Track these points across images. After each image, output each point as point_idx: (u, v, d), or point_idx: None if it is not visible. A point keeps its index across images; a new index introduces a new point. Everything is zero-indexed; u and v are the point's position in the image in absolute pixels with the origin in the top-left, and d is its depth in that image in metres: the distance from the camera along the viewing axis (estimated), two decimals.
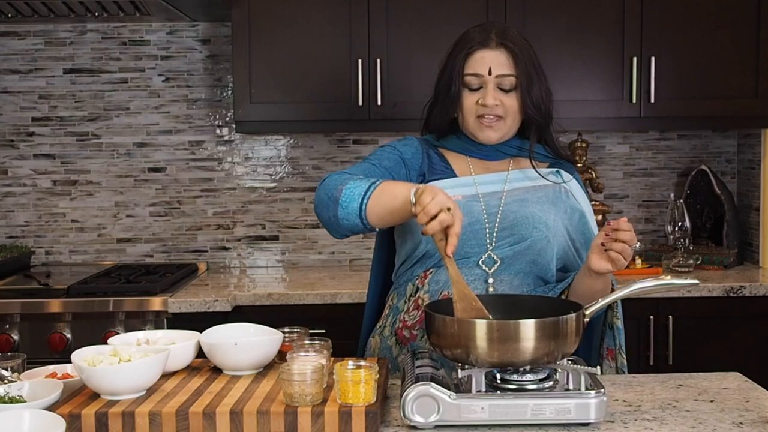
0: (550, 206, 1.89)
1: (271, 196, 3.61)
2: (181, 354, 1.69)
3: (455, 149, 1.96)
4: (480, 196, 1.89)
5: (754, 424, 1.51)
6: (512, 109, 1.87)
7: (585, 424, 1.49)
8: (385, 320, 1.97)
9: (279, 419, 1.44)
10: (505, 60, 1.85)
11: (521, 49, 1.86)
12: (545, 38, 3.20)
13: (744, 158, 3.59)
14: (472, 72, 1.86)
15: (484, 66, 1.85)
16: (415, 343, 1.87)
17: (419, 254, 1.89)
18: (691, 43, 3.22)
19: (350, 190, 1.73)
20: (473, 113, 1.88)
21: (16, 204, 3.60)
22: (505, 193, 1.90)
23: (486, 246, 1.86)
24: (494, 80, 1.85)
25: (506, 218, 1.87)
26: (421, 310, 1.86)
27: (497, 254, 1.85)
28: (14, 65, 3.55)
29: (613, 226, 1.67)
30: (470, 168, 1.94)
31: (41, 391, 1.55)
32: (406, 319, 1.90)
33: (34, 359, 1.94)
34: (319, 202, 1.79)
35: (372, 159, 1.92)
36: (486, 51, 1.86)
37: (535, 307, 1.68)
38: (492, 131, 1.88)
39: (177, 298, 2.91)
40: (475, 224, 1.85)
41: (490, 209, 1.87)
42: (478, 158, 1.95)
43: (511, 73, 1.85)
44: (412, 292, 1.91)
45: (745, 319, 3.04)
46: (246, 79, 3.20)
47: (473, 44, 1.87)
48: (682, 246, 3.31)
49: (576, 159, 3.43)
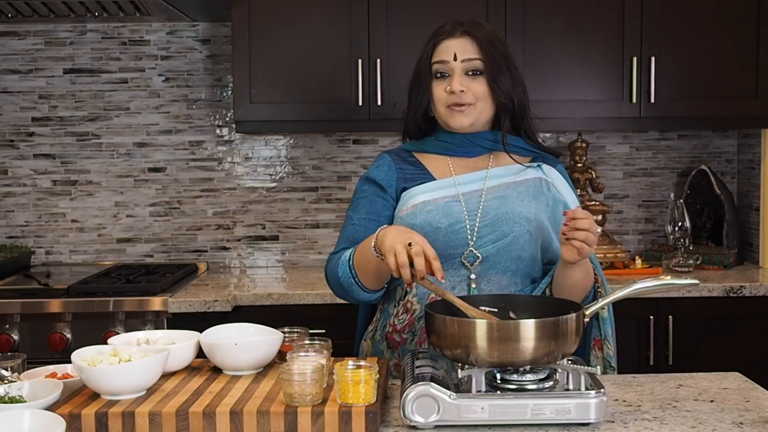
0: (531, 200, 1.90)
1: (271, 196, 3.61)
2: (181, 354, 1.69)
3: (434, 151, 1.97)
4: (460, 196, 1.90)
5: (754, 424, 1.51)
6: (481, 94, 1.88)
7: (585, 424, 1.49)
8: (376, 324, 1.98)
9: (279, 419, 1.44)
10: (470, 46, 1.88)
11: (488, 39, 1.89)
12: (545, 38, 3.20)
13: (744, 158, 3.59)
14: (439, 59, 1.89)
15: (449, 52, 1.88)
16: (406, 347, 1.88)
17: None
18: (691, 43, 3.22)
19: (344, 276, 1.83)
20: (443, 102, 1.89)
21: (16, 204, 3.60)
22: (486, 191, 1.91)
23: (467, 243, 1.86)
24: (460, 65, 1.87)
25: (487, 215, 1.88)
26: (410, 313, 1.88)
27: (480, 251, 1.86)
28: (14, 65, 3.55)
29: (570, 216, 1.68)
30: (450, 169, 1.94)
31: (41, 391, 1.55)
32: (395, 323, 1.91)
33: (34, 359, 1.94)
34: (334, 290, 1.91)
35: (352, 217, 1.95)
36: (451, 40, 1.89)
37: (535, 307, 1.69)
38: (463, 116, 1.89)
39: (177, 298, 2.91)
40: (455, 224, 1.86)
41: (470, 207, 1.88)
42: (458, 156, 1.95)
43: (477, 57, 1.87)
44: (401, 296, 1.92)
45: (745, 319, 3.04)
46: (246, 79, 3.20)
47: (440, 35, 1.91)
48: (682, 246, 3.31)
49: (576, 159, 3.43)
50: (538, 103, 3.21)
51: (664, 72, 3.21)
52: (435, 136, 1.97)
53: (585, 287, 1.84)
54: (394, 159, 1.98)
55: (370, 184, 1.96)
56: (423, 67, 1.91)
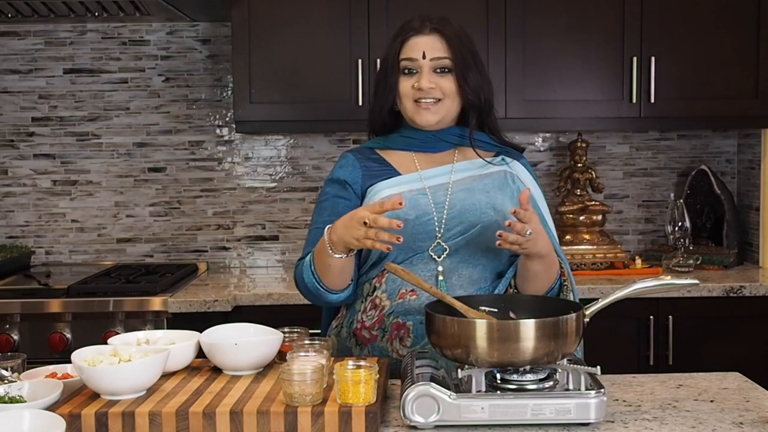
0: (497, 192, 1.91)
1: (271, 196, 3.61)
2: (181, 354, 1.69)
3: (399, 147, 1.98)
4: (427, 189, 1.90)
5: (754, 424, 1.51)
6: (449, 91, 1.89)
7: (585, 424, 1.49)
8: (341, 320, 1.98)
9: (279, 419, 1.44)
10: (439, 44, 1.88)
11: (457, 36, 1.90)
12: (545, 38, 3.20)
13: (744, 158, 3.59)
14: (407, 57, 1.90)
15: (418, 50, 1.88)
16: (376, 344, 1.88)
17: (374, 256, 1.90)
18: (691, 43, 3.22)
19: (310, 282, 1.85)
20: (410, 97, 1.90)
21: (16, 204, 3.60)
22: (452, 184, 1.91)
23: (435, 236, 1.87)
24: (429, 63, 1.88)
25: (454, 207, 1.88)
26: (378, 309, 1.88)
27: (448, 244, 1.87)
28: (14, 65, 3.55)
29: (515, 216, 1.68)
30: (416, 164, 1.95)
31: (41, 391, 1.55)
32: (364, 320, 1.90)
33: (34, 359, 1.94)
34: (305, 295, 1.93)
35: (316, 221, 1.95)
36: (420, 37, 1.90)
37: (535, 307, 1.69)
38: (430, 113, 1.90)
39: (177, 298, 2.91)
40: (423, 216, 1.87)
41: (437, 200, 1.89)
42: (423, 152, 1.96)
43: (446, 56, 1.88)
44: (369, 292, 1.92)
45: (745, 319, 3.04)
46: (246, 79, 3.20)
47: (409, 31, 1.91)
48: (682, 246, 3.31)
49: (576, 159, 3.43)
50: (538, 103, 3.25)
51: (664, 72, 3.21)
52: (400, 132, 1.98)
53: (548, 279, 1.84)
54: (358, 157, 1.99)
55: (333, 185, 1.97)
56: (390, 62, 1.92)
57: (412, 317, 1.84)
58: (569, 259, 3.26)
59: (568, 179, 3.43)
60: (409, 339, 1.84)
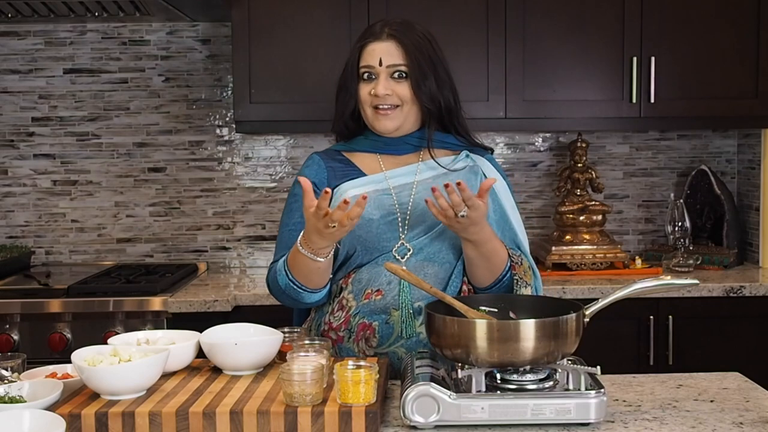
0: None
1: (271, 196, 3.61)
2: (181, 354, 1.69)
3: (364, 149, 1.99)
4: (392, 189, 1.92)
5: (754, 424, 1.51)
6: (406, 98, 1.90)
7: (585, 424, 1.49)
8: (310, 323, 1.99)
9: (279, 419, 1.44)
10: (395, 50, 1.90)
11: (414, 42, 1.90)
12: (545, 38, 3.20)
13: (744, 158, 3.59)
14: (365, 64, 1.92)
15: (375, 57, 1.91)
16: (343, 345, 1.88)
17: (341, 258, 1.90)
18: (691, 43, 3.22)
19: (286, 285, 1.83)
20: (369, 103, 1.92)
21: (16, 204, 3.60)
22: (417, 184, 1.92)
23: (399, 236, 1.88)
24: (385, 70, 1.90)
25: (417, 207, 1.89)
26: (345, 310, 1.88)
27: (411, 244, 1.88)
28: (14, 65, 3.55)
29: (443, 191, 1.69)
30: (381, 165, 1.96)
31: (41, 391, 1.55)
32: (331, 321, 1.91)
33: (34, 359, 1.94)
34: (279, 298, 1.91)
35: (287, 223, 1.95)
36: (377, 43, 1.92)
37: (535, 307, 1.69)
38: (388, 120, 1.91)
39: (177, 298, 2.91)
40: (387, 216, 1.88)
41: (401, 200, 1.90)
42: (388, 154, 1.97)
43: (401, 62, 1.90)
44: (336, 293, 1.92)
45: (745, 319, 3.04)
46: (246, 79, 3.20)
47: (367, 37, 1.94)
48: (682, 246, 3.31)
49: (576, 159, 3.43)
50: (538, 103, 3.24)
51: (664, 72, 3.21)
52: (365, 135, 1.99)
53: (487, 269, 1.84)
54: (324, 158, 2.00)
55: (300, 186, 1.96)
56: (350, 68, 1.95)
57: (378, 317, 1.85)
58: (569, 259, 3.27)
59: (568, 179, 3.43)
60: (374, 339, 1.85)
